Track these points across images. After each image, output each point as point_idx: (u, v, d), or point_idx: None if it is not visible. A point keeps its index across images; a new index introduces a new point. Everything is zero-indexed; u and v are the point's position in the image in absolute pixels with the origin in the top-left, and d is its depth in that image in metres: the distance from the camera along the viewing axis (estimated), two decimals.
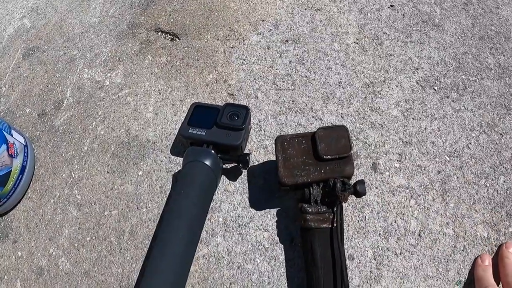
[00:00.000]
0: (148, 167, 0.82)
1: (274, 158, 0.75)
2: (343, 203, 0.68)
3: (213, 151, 0.68)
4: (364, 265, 0.65)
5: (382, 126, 0.81)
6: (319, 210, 0.63)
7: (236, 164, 0.76)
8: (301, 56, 0.95)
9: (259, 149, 0.79)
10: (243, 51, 0.97)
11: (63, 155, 0.87)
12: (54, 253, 0.75)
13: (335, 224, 0.62)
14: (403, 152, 0.77)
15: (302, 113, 0.86)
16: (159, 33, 1.05)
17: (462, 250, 0.64)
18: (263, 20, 1.03)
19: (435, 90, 0.84)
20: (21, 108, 0.97)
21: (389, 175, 0.75)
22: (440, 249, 0.64)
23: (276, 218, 0.70)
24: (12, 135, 0.81)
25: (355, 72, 0.90)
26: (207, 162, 0.67)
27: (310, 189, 0.64)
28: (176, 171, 0.81)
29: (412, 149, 0.77)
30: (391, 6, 1.02)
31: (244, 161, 0.69)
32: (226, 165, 0.76)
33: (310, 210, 0.63)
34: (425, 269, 0.63)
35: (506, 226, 0.66)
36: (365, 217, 0.70)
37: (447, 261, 0.64)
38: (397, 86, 0.86)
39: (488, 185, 0.70)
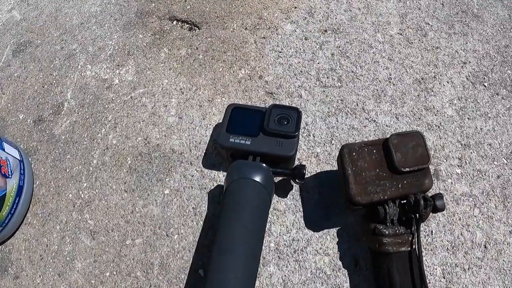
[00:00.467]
0: (176, 184, 0.69)
1: (328, 168, 0.70)
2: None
3: (265, 165, 0.60)
4: (434, 284, 0.61)
5: (439, 127, 0.75)
6: (397, 231, 0.56)
7: (285, 178, 0.65)
8: (343, 48, 0.84)
9: (310, 157, 0.70)
10: (277, 42, 0.85)
11: (68, 170, 0.73)
12: None
13: (414, 246, 0.56)
14: (463, 156, 0.72)
15: (354, 114, 0.75)
16: (174, 22, 0.92)
17: None
18: (295, 7, 0.91)
19: (485, 86, 0.80)
20: (13, 114, 0.81)
21: (451, 182, 0.70)
22: (505, 260, 0.63)
23: (337, 239, 0.64)
24: (3, 149, 0.66)
25: (404, 67, 0.82)
26: (259, 179, 0.57)
27: (385, 207, 0.56)
28: (213, 187, 0.68)
29: (471, 153, 0.72)
30: None
31: (299, 175, 0.61)
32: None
33: (386, 232, 0.56)
34: (493, 283, 0.61)
35: None
36: (431, 232, 0.65)
37: None
38: (448, 83, 0.80)
39: None
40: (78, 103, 0.81)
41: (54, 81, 0.85)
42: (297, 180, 0.61)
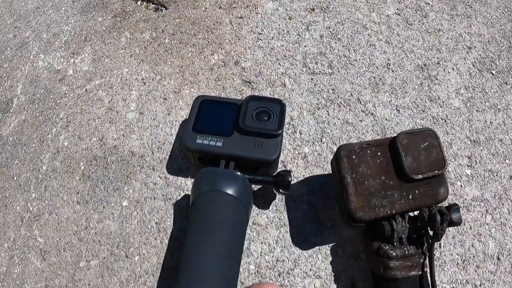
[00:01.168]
0: (136, 194, 0.60)
1: (318, 171, 0.61)
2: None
3: (239, 174, 0.49)
4: None
5: (445, 121, 0.67)
6: (406, 252, 0.47)
7: (267, 186, 0.56)
8: (334, 29, 0.74)
9: (296, 159, 0.62)
10: (256, 23, 0.75)
11: (15, 178, 0.63)
12: None
13: (426, 269, 0.48)
14: (473, 154, 0.64)
15: (348, 106, 0.66)
16: (139, 2, 0.81)
17: None
18: None
19: (492, 74, 0.73)
20: None
21: (461, 185, 0.62)
22: None
23: (331, 258, 0.55)
24: None
25: (404, 51, 0.73)
26: (233, 192, 0.47)
27: (392, 223, 0.47)
28: (179, 198, 0.58)
29: (482, 150, 0.65)
30: None
31: (284, 183, 0.51)
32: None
33: (394, 254, 0.47)
34: None
35: None
36: (440, 245, 0.58)
37: None
38: (453, 70, 0.72)
39: None
40: (28, 98, 0.71)
41: (4, 74, 0.75)
42: (281, 190, 0.51)
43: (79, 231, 0.58)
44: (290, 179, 0.50)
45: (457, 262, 0.57)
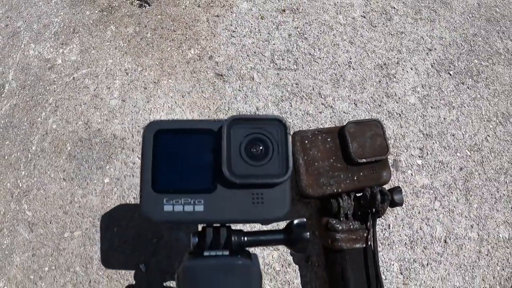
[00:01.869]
0: (117, 172, 0.66)
1: None
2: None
3: (247, 262, 0.35)
4: (391, 281, 0.60)
5: (400, 116, 0.73)
6: (351, 226, 0.54)
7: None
8: (302, 29, 0.80)
9: None
10: (231, 21, 0.81)
11: (6, 157, 0.68)
12: (5, 287, 0.58)
13: (369, 243, 0.54)
14: (424, 146, 0.70)
15: (309, 99, 0.72)
16: None
17: (487, 254, 0.63)
18: None
19: (450, 75, 0.78)
20: None
21: (411, 174, 0.68)
22: (466, 256, 0.63)
23: None
24: None
25: (366, 51, 0.79)
26: None
27: (339, 200, 0.53)
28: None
29: (433, 143, 0.71)
30: None
31: (300, 244, 0.38)
32: None
33: (340, 227, 0.53)
34: (452, 279, 0.61)
35: None
36: (389, 225, 0.64)
37: (472, 268, 0.62)
38: (411, 69, 0.78)
39: (507, 181, 0.69)
40: (20, 84, 0.76)
41: None
42: (295, 251, 0.41)
43: (64, 205, 0.64)
44: (307, 236, 0.37)
45: (405, 243, 0.62)
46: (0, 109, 0.74)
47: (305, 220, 0.38)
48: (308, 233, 0.37)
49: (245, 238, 0.37)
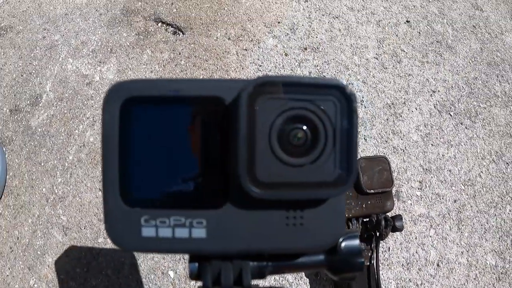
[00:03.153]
0: None
1: None
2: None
3: None
4: None
5: (404, 151, 0.80)
6: None
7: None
8: (321, 67, 0.88)
9: None
10: (258, 56, 0.88)
11: (43, 164, 0.73)
12: (35, 285, 0.63)
13: (372, 262, 0.58)
14: (424, 179, 0.77)
15: None
16: (159, 24, 0.93)
17: (474, 278, 0.68)
18: (278, 22, 0.94)
19: (450, 115, 0.85)
20: None
21: (411, 204, 0.75)
22: (455, 279, 0.68)
23: None
24: None
25: (377, 91, 0.87)
26: None
27: (349, 224, 0.59)
28: None
29: (432, 177, 0.77)
30: (407, 21, 1.00)
31: (347, 273, 0.26)
32: None
33: None
34: None
35: (511, 254, 0.72)
36: (389, 248, 0.70)
37: None
38: (416, 109, 0.85)
39: (496, 214, 0.75)
40: (57, 96, 0.82)
41: (34, 71, 0.85)
42: (338, 279, 0.27)
43: (99, 213, 0.69)
44: (360, 264, 0.26)
45: (402, 264, 0.68)
46: (37, 117, 0.79)
47: (358, 240, 0.26)
48: (362, 260, 0.25)
49: (269, 264, 0.25)
